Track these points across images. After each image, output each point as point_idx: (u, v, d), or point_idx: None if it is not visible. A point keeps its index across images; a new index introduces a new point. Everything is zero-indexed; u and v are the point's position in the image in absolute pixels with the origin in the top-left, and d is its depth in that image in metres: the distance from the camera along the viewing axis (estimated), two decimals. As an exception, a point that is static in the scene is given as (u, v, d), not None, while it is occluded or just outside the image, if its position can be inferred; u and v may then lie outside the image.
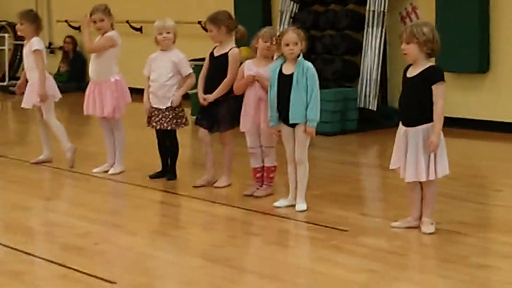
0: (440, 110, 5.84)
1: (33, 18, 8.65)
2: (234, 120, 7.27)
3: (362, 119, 10.49)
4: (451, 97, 10.22)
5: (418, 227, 6.03)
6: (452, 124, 10.01)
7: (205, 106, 7.37)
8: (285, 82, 6.62)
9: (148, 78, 7.74)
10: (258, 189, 7.16)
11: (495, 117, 9.98)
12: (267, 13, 11.99)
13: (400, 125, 6.04)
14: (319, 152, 9.27)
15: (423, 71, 5.89)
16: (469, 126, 10.13)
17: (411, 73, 5.96)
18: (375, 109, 10.44)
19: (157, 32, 7.68)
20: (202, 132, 7.46)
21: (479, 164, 8.60)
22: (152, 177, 7.89)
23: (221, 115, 7.32)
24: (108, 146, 8.28)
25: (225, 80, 7.27)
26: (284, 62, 6.68)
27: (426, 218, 5.99)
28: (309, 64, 6.66)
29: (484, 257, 5.49)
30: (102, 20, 8.04)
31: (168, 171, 7.88)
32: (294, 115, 6.60)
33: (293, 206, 6.72)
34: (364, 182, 8.23)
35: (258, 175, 7.18)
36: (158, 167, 7.95)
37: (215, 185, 7.50)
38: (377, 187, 8.03)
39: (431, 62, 5.95)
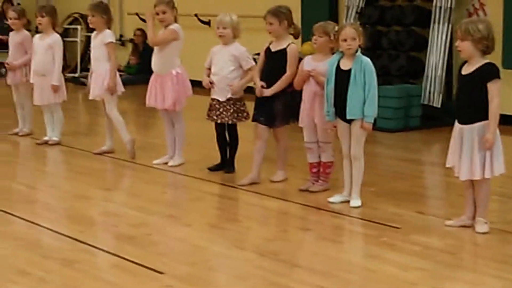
0: (495, 108, 5.76)
1: (104, 10, 8.81)
2: (289, 116, 7.29)
3: (426, 116, 10.39)
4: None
5: (472, 226, 5.97)
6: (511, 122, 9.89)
7: (262, 101, 7.38)
8: (342, 78, 6.61)
9: (208, 69, 7.80)
10: (313, 184, 7.16)
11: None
12: (334, 8, 11.96)
13: (456, 123, 5.98)
14: (380, 149, 9.22)
15: (478, 68, 5.81)
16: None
17: (466, 70, 5.90)
18: (439, 106, 10.33)
19: (216, 27, 7.76)
20: (262, 128, 7.45)
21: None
22: (211, 169, 7.96)
23: (277, 110, 7.33)
24: (169, 138, 8.37)
25: (284, 76, 7.28)
26: (342, 57, 6.67)
27: (480, 218, 5.92)
28: (367, 60, 6.63)
29: (537, 258, 5.41)
30: (165, 13, 8.13)
31: (226, 164, 7.94)
32: (351, 111, 6.58)
33: (348, 202, 6.71)
34: (423, 180, 8.16)
35: (314, 170, 7.19)
36: (217, 160, 8.02)
37: (271, 179, 7.53)
38: (436, 185, 7.96)
39: (487, 59, 5.85)
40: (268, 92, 7.31)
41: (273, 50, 7.41)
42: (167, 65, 8.16)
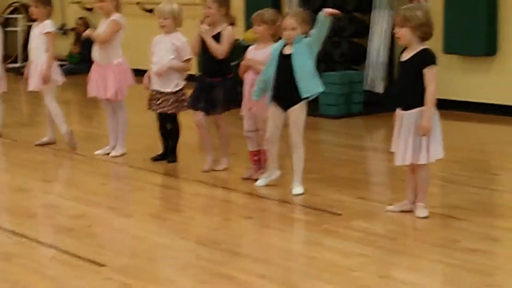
0: (431, 94, 5.79)
1: (47, 1, 8.69)
2: (230, 102, 7.28)
3: (368, 102, 10.44)
4: (458, 80, 10.18)
5: (412, 211, 6.01)
6: (458, 107, 10.00)
7: (201, 88, 7.37)
8: (284, 62, 6.57)
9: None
10: (256, 172, 7.15)
11: (502, 100, 9.91)
12: (276, -5, 11.92)
13: (397, 109, 6.00)
14: (323, 135, 9.25)
15: (415, 54, 5.84)
16: (476, 109, 10.06)
17: (404, 57, 5.92)
18: (381, 92, 10.39)
19: (157, 17, 7.70)
20: (199, 115, 7.44)
21: (483, 147, 8.54)
22: (154, 159, 7.91)
23: (218, 97, 7.31)
24: (111, 128, 8.30)
25: (216, 47, 7.25)
26: (286, 43, 6.64)
27: (420, 202, 5.96)
28: (304, 39, 6.55)
29: (476, 241, 5.46)
30: (103, 1, 8.04)
31: (169, 154, 7.89)
32: (305, 90, 6.52)
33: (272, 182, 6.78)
34: (366, 166, 8.19)
35: (255, 158, 7.18)
36: (160, 150, 7.96)
37: (216, 168, 7.50)
38: (378, 171, 8.00)
39: (425, 45, 5.88)
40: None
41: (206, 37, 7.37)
42: (108, 55, 8.08)
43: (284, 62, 6.58)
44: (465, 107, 10.09)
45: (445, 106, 6.11)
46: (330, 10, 6.43)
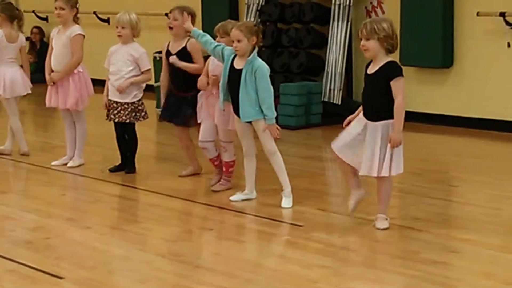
0: (399, 106, 5.80)
1: (9, 9, 8.62)
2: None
3: (327, 113, 10.47)
4: (415, 92, 10.25)
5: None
6: (416, 119, 10.06)
7: (173, 101, 7.38)
8: (234, 76, 6.55)
9: (109, 70, 7.70)
10: (218, 175, 7.13)
11: (458, 112, 9.99)
12: (234, 6, 11.92)
13: (361, 115, 5.99)
14: (282, 146, 9.13)
15: (381, 67, 5.85)
16: (433, 121, 10.14)
17: (371, 69, 5.93)
18: (339, 103, 10.42)
19: (115, 26, 7.66)
20: (178, 129, 7.47)
21: (441, 159, 8.59)
22: (112, 170, 7.84)
23: (188, 111, 7.31)
24: (69, 139, 8.21)
25: (196, 67, 7.28)
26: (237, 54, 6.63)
27: (381, 214, 5.97)
28: (259, 63, 6.52)
29: (436, 253, 5.47)
30: (62, 9, 7.98)
31: (127, 165, 7.83)
32: (244, 114, 6.54)
33: (250, 200, 6.70)
34: (325, 177, 8.21)
35: (216, 163, 7.21)
36: (118, 161, 7.90)
37: (180, 174, 7.58)
38: (338, 182, 7.99)
39: (390, 58, 5.90)
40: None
41: (173, 52, 7.38)
42: None
43: (235, 76, 6.55)
44: (422, 118, 10.16)
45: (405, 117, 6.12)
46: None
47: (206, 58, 7.24)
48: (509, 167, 8.07)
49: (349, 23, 10.41)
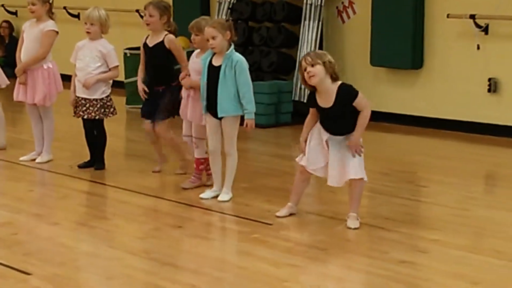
0: (366, 116, 5.90)
1: None
2: (173, 110, 7.29)
3: (297, 112, 10.47)
4: (385, 92, 10.29)
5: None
6: (386, 119, 10.10)
7: (149, 97, 7.34)
8: (213, 74, 6.57)
9: (75, 66, 7.66)
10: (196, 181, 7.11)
11: (428, 113, 10.05)
12: (205, 3, 11.89)
13: (323, 130, 6.02)
14: (252, 145, 9.23)
15: (337, 95, 5.87)
16: (403, 121, 10.18)
17: (324, 104, 5.95)
18: (310, 102, 10.42)
19: (84, 22, 7.62)
20: (147, 123, 7.42)
21: (410, 159, 8.63)
22: (81, 166, 7.79)
23: (163, 103, 7.29)
24: (36, 134, 8.16)
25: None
26: (215, 53, 6.62)
27: (353, 213, 5.99)
28: (238, 57, 6.58)
29: (404, 253, 5.50)
30: (34, 5, 7.92)
31: (96, 161, 7.78)
32: (221, 109, 6.55)
33: (217, 196, 6.72)
34: (294, 176, 8.18)
35: (201, 166, 7.15)
36: (87, 157, 7.85)
37: (153, 170, 7.56)
38: (307, 181, 8.01)
39: (338, 83, 5.94)
40: None
41: (150, 45, 7.34)
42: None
43: (213, 73, 6.56)
44: (391, 118, 10.20)
45: (372, 117, 6.14)
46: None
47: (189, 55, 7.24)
48: (476, 168, 8.14)
49: (320, 22, 10.42)
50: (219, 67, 6.52)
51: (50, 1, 8.00)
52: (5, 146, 8.63)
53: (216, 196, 6.72)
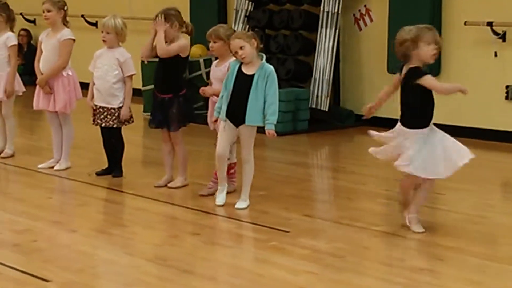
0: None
1: (6, 11, 8.61)
2: (184, 120, 7.28)
3: (314, 120, 10.49)
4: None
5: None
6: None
7: (156, 106, 7.34)
8: (244, 82, 6.57)
9: (93, 74, 7.71)
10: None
11: (445, 120, 9.90)
12: (223, 11, 11.95)
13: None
14: (269, 152, 9.25)
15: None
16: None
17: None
18: (327, 109, 10.45)
19: (100, 31, 7.68)
20: (164, 131, 7.38)
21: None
22: (99, 174, 7.83)
23: (172, 114, 7.27)
24: (55, 141, 8.21)
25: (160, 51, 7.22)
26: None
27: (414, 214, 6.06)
28: (271, 68, 6.64)
29: (421, 260, 5.51)
30: (49, 11, 7.99)
31: (114, 169, 7.82)
32: (250, 118, 6.57)
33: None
34: (311, 183, 8.22)
35: (232, 170, 7.15)
36: (105, 164, 7.89)
37: (169, 185, 7.40)
38: (324, 189, 8.05)
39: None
40: None
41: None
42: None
43: (244, 81, 6.57)
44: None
45: (391, 125, 6.17)
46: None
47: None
48: (493, 175, 8.13)
49: (337, 30, 10.45)
50: (251, 76, 6.54)
51: (65, 8, 8.06)
52: (13, 153, 8.66)
53: (226, 194, 6.77)
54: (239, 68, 6.61)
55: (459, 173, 7.98)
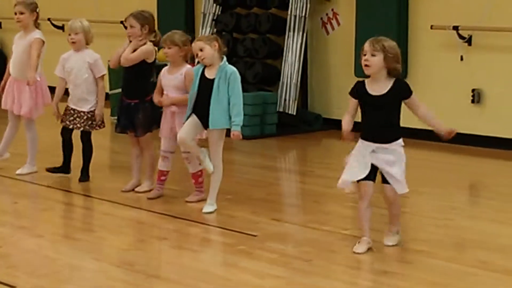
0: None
1: None
2: (151, 124, 7.24)
3: (282, 124, 10.50)
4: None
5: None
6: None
7: (123, 111, 7.32)
8: (206, 86, 6.58)
9: (61, 78, 7.66)
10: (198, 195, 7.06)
11: (411, 123, 9.95)
12: (190, 15, 11.93)
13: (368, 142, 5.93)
14: (237, 156, 9.25)
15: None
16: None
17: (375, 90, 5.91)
18: (294, 113, 10.46)
19: (67, 34, 7.63)
20: (131, 136, 7.36)
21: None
22: (49, 170, 7.79)
23: (138, 119, 7.24)
24: (6, 136, 8.16)
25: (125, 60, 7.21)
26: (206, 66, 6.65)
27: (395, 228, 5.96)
28: (232, 69, 6.64)
29: (388, 263, 5.53)
30: (22, 13, 7.94)
31: (81, 173, 7.77)
32: (213, 121, 6.57)
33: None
34: (279, 187, 8.22)
35: (163, 178, 7.13)
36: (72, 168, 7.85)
37: (136, 189, 7.36)
38: (292, 192, 8.06)
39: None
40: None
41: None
42: (26, 71, 7.89)
43: (206, 85, 6.58)
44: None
45: (358, 128, 6.18)
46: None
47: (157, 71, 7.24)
48: (459, 178, 8.19)
49: (304, 34, 10.47)
50: (213, 79, 6.54)
51: (37, 11, 8.01)
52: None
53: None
54: (202, 72, 6.62)
55: (424, 176, 8.06)
